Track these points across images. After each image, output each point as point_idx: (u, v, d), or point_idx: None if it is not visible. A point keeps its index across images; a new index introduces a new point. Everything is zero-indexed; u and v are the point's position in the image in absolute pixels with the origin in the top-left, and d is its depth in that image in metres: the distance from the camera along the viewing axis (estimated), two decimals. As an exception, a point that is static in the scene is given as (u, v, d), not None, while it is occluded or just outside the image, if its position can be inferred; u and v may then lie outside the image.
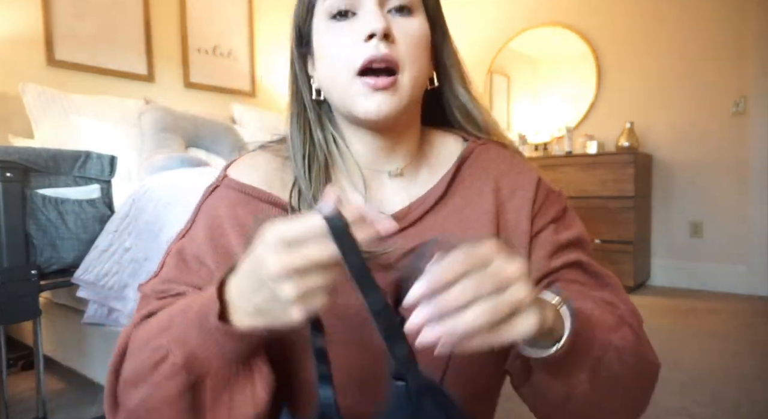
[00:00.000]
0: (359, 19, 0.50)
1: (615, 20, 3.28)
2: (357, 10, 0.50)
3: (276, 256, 0.34)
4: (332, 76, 0.52)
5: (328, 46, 0.52)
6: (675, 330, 2.25)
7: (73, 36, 2.52)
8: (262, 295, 0.37)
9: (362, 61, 0.49)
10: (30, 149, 1.30)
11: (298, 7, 0.55)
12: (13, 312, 1.21)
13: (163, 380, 0.42)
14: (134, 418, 0.43)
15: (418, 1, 0.52)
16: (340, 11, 0.50)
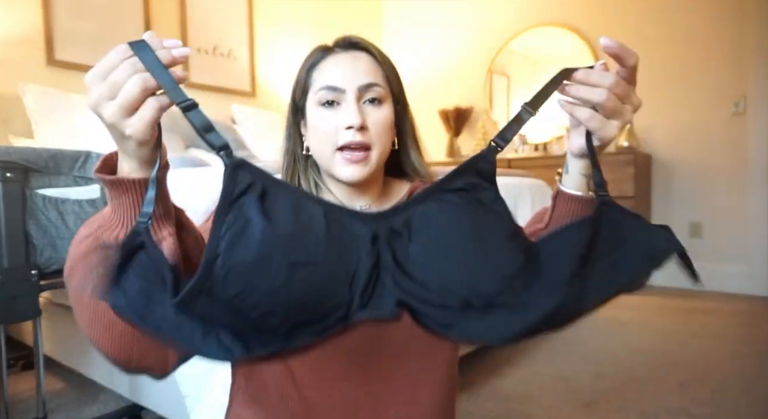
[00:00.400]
0: (342, 110, 0.65)
1: (615, 20, 3.28)
2: (341, 101, 0.65)
3: (93, 91, 0.41)
4: (320, 148, 0.67)
5: (318, 126, 0.66)
6: (675, 330, 2.25)
7: (73, 36, 2.52)
8: (112, 133, 0.43)
9: (342, 144, 0.64)
10: (30, 149, 1.30)
11: (296, 87, 0.70)
12: (13, 312, 1.21)
13: (78, 242, 0.47)
14: (70, 290, 0.47)
15: (386, 93, 0.67)
16: (328, 101, 0.65)
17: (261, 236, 0.39)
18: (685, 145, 3.08)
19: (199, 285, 0.39)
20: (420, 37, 4.25)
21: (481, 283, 0.42)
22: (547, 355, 1.95)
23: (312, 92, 0.67)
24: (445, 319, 0.43)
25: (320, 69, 0.67)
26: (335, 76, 0.65)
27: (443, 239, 0.43)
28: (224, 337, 0.40)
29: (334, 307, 0.42)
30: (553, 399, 1.56)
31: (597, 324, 2.36)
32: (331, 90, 0.65)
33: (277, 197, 0.41)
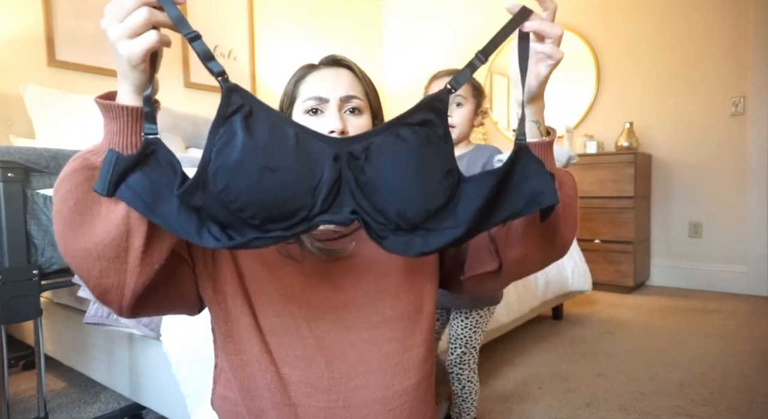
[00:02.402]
0: (325, 117, 0.72)
1: (615, 20, 3.28)
2: (324, 110, 0.72)
3: (107, 15, 0.48)
4: None
5: None
6: (674, 330, 2.25)
7: (74, 36, 2.52)
8: (114, 53, 0.50)
9: None
10: (31, 149, 1.30)
11: (284, 99, 0.76)
12: (14, 312, 1.21)
13: (67, 166, 0.52)
14: (54, 202, 0.52)
15: (365, 105, 0.75)
16: (312, 109, 0.72)
17: (241, 145, 0.48)
18: (685, 145, 3.08)
19: (196, 182, 0.48)
20: (420, 37, 4.25)
21: (411, 211, 0.52)
22: (547, 355, 1.95)
23: (299, 102, 0.74)
24: (381, 232, 0.53)
25: (306, 82, 0.74)
26: (320, 88, 0.72)
27: (391, 169, 0.52)
28: (213, 229, 0.50)
29: (298, 208, 0.51)
30: (553, 399, 1.56)
31: (597, 324, 2.37)
32: (316, 99, 0.72)
33: (260, 116, 0.50)
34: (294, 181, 0.50)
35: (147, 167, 0.50)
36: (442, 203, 0.53)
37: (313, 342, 0.67)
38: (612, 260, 2.96)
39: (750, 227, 2.88)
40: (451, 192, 0.54)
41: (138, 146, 0.51)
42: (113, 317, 1.30)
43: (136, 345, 1.39)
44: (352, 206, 0.52)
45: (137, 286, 0.53)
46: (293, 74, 0.77)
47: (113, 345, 1.49)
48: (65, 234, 0.51)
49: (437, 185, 0.53)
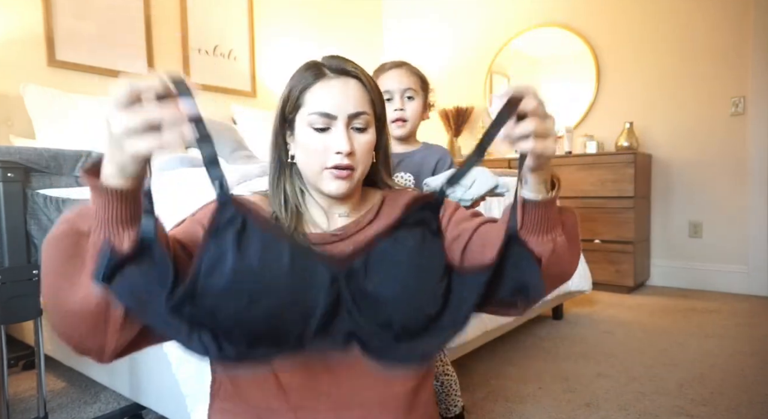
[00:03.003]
0: (332, 135, 0.71)
1: (615, 20, 3.28)
2: (331, 126, 0.71)
3: (123, 116, 0.44)
4: (308, 163, 0.73)
5: (308, 146, 0.72)
6: (674, 330, 2.25)
7: (74, 36, 2.52)
8: (111, 141, 0.46)
9: (331, 165, 0.71)
10: (31, 149, 1.30)
11: (286, 102, 0.74)
12: (14, 312, 1.21)
13: (54, 229, 0.51)
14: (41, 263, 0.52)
15: (371, 118, 0.75)
16: (318, 128, 0.71)
17: (231, 269, 0.47)
18: (685, 145, 3.08)
19: (185, 296, 0.47)
20: (420, 37, 4.25)
21: (413, 321, 0.53)
22: (547, 355, 1.95)
23: (304, 112, 0.72)
24: (381, 345, 0.52)
25: (313, 92, 0.72)
26: (328, 104, 0.71)
27: (391, 282, 0.52)
28: (204, 337, 0.48)
29: (287, 334, 0.50)
30: (553, 399, 1.56)
31: (597, 324, 2.37)
32: (323, 116, 0.71)
33: (254, 233, 0.49)
34: (286, 306, 0.49)
35: (142, 264, 0.48)
36: (440, 306, 0.54)
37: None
38: (612, 260, 2.96)
39: (750, 227, 2.88)
40: (447, 292, 0.55)
41: (125, 222, 0.50)
42: (113, 317, 1.30)
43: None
44: (349, 328, 0.51)
45: (118, 346, 0.53)
46: (299, 77, 0.74)
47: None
48: (47, 294, 0.51)
49: (435, 289, 0.54)
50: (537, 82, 3.69)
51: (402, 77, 1.21)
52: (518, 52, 3.76)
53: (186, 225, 0.68)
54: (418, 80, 1.23)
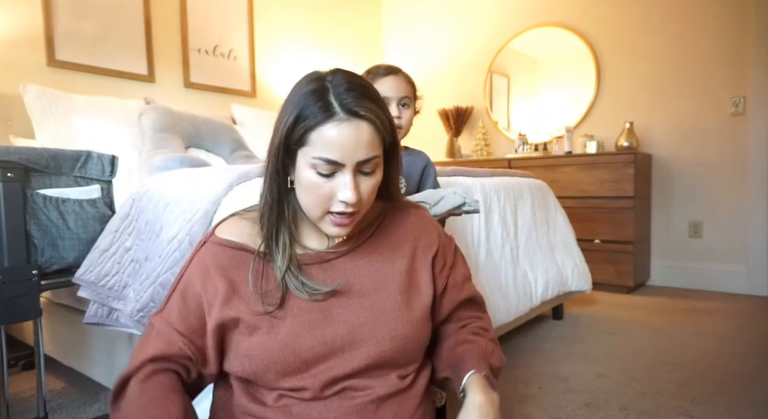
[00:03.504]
0: (338, 181, 0.68)
1: (615, 20, 3.28)
2: (337, 173, 0.68)
3: None
4: (308, 203, 0.71)
5: (310, 188, 0.69)
6: (675, 330, 2.25)
7: (74, 36, 2.52)
8: None
9: (335, 211, 0.69)
10: (31, 149, 1.30)
11: (289, 133, 0.68)
12: (14, 312, 1.21)
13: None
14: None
15: (380, 160, 0.71)
16: (323, 174, 0.67)
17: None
18: (685, 145, 3.08)
19: None
20: (420, 37, 4.25)
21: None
22: (547, 355, 1.95)
23: (308, 152, 0.67)
24: None
25: (321, 134, 0.66)
26: (336, 152, 0.66)
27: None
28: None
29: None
30: (553, 399, 1.56)
31: (597, 324, 2.37)
32: (330, 163, 0.66)
33: None
34: None
35: None
36: None
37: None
38: (612, 260, 2.96)
39: (750, 227, 2.88)
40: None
41: None
42: (113, 317, 1.30)
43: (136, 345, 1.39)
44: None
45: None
46: (304, 103, 0.67)
47: (113, 345, 1.49)
48: None
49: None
50: (537, 82, 3.69)
51: (399, 85, 1.22)
52: (518, 52, 3.76)
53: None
54: (412, 88, 1.26)
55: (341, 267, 0.76)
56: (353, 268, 0.77)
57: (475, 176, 1.97)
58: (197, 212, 1.15)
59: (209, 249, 0.76)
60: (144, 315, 1.16)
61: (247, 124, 2.94)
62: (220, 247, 0.75)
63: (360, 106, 0.66)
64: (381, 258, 0.79)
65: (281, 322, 0.70)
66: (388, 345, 0.72)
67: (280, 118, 0.70)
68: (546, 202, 2.33)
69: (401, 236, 0.82)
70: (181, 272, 0.77)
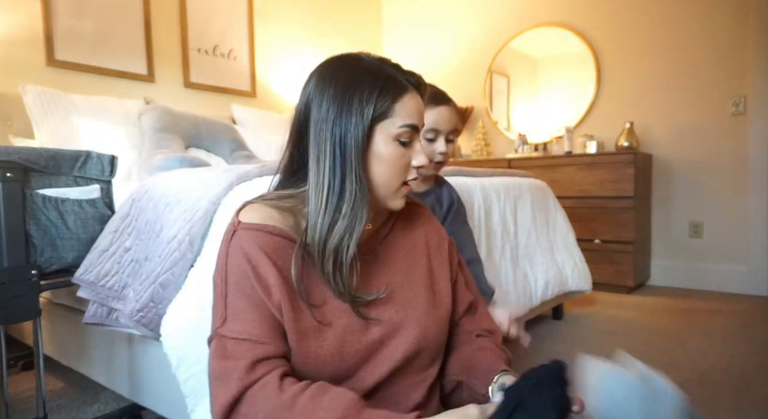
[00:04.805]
0: (414, 150, 0.72)
1: (615, 20, 3.28)
2: (412, 141, 0.72)
3: None
4: (387, 178, 0.70)
5: (393, 159, 0.70)
6: (675, 330, 2.25)
7: (73, 36, 2.52)
8: None
9: (410, 179, 0.73)
10: (30, 148, 1.30)
11: (381, 103, 0.67)
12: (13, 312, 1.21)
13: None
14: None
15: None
16: (404, 141, 0.70)
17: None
18: (685, 145, 3.08)
19: None
20: (420, 37, 4.25)
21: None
22: (547, 355, 1.95)
23: (394, 123, 0.69)
24: None
25: (404, 103, 0.69)
26: (417, 118, 0.71)
27: None
28: None
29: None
30: (553, 399, 1.55)
31: (597, 324, 2.36)
32: (413, 129, 0.70)
33: None
34: None
35: None
36: None
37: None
38: (612, 260, 2.96)
39: (750, 227, 2.88)
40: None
41: None
42: (113, 317, 1.30)
43: (135, 345, 1.39)
44: None
45: None
46: (382, 81, 0.68)
47: (113, 345, 1.49)
48: None
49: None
50: (537, 82, 3.69)
51: (452, 116, 1.15)
52: (518, 52, 3.76)
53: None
54: (460, 117, 1.22)
55: (369, 268, 0.74)
56: (379, 267, 0.76)
57: (475, 176, 1.96)
58: (197, 212, 1.15)
59: (243, 236, 0.68)
60: (144, 314, 1.16)
61: (247, 124, 2.94)
62: (256, 232, 0.68)
63: (419, 80, 0.73)
64: (402, 256, 0.79)
65: (328, 328, 0.68)
66: (421, 344, 0.73)
67: (349, 99, 0.67)
68: (546, 202, 2.33)
69: (415, 234, 0.83)
70: (222, 275, 0.68)
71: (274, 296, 0.65)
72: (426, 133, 1.13)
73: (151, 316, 1.15)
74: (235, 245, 0.68)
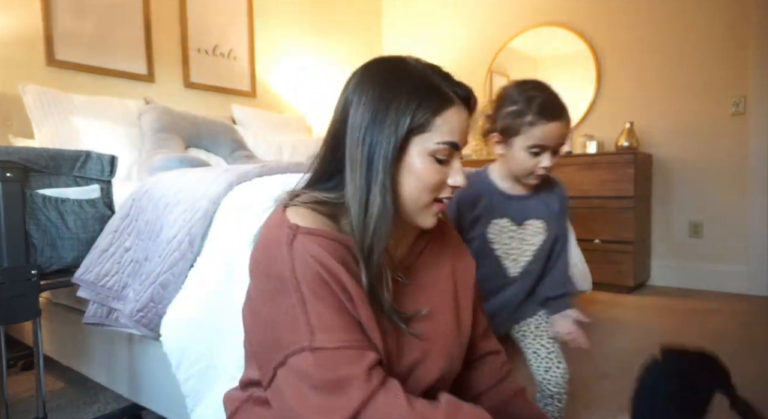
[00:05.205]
0: (451, 168, 0.67)
1: (614, 20, 3.28)
2: (450, 159, 0.67)
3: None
4: (417, 193, 0.66)
5: (426, 175, 0.65)
6: (675, 330, 2.25)
7: (73, 36, 2.52)
8: None
9: (443, 196, 0.68)
10: (30, 149, 1.30)
11: (419, 115, 0.63)
12: (13, 312, 1.21)
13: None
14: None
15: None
16: (440, 159, 0.65)
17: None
18: (686, 145, 3.08)
19: None
20: (420, 37, 4.25)
21: None
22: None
23: (430, 138, 0.64)
24: None
25: (447, 118, 0.64)
26: (458, 136, 0.66)
27: None
28: None
29: None
30: (553, 399, 1.55)
31: (597, 324, 2.36)
32: (452, 147, 0.65)
33: None
34: None
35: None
36: None
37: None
38: (612, 260, 2.95)
39: (750, 227, 2.88)
40: None
41: None
42: (113, 317, 1.30)
43: (135, 345, 1.39)
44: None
45: None
46: (424, 92, 0.64)
47: (113, 345, 1.49)
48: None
49: None
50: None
51: (565, 132, 1.03)
52: (518, 52, 3.76)
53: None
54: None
55: (399, 288, 0.71)
56: (408, 288, 0.72)
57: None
58: (197, 212, 1.15)
59: (307, 242, 0.60)
60: (144, 314, 1.16)
61: (247, 124, 2.94)
62: (320, 238, 0.61)
63: (468, 93, 0.68)
64: (432, 279, 0.75)
65: (378, 340, 0.63)
66: (445, 373, 0.71)
67: (385, 108, 0.63)
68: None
69: (444, 257, 0.79)
70: (291, 284, 0.59)
71: (356, 302, 0.60)
72: (531, 148, 1.03)
73: (151, 316, 1.15)
74: (301, 251, 0.60)
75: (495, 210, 1.13)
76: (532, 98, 1.01)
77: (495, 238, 1.14)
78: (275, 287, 0.60)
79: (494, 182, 1.18)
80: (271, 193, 1.08)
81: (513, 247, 1.15)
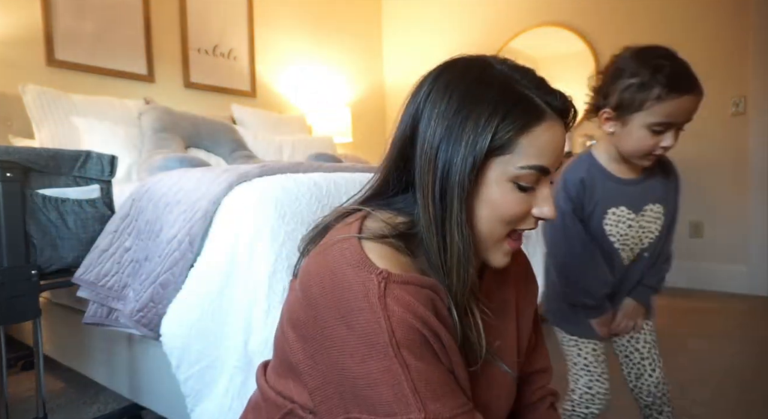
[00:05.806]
0: (536, 198, 0.56)
1: (614, 20, 3.28)
2: (536, 185, 0.56)
3: None
4: (492, 225, 0.56)
5: (505, 204, 0.55)
6: (675, 330, 2.25)
7: (73, 36, 2.52)
8: None
9: (524, 228, 0.57)
10: (30, 148, 1.30)
11: (500, 134, 0.53)
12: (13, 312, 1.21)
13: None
14: None
15: None
16: (524, 186, 0.54)
17: None
18: (686, 145, 3.07)
19: None
20: (420, 37, 4.25)
21: None
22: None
23: (512, 161, 0.53)
24: None
25: (535, 137, 0.53)
26: (548, 158, 0.55)
27: None
28: None
29: None
30: (553, 399, 1.55)
31: (597, 324, 2.36)
32: (541, 172, 0.54)
33: None
34: None
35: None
36: None
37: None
38: (612, 260, 2.95)
39: (750, 227, 2.88)
40: None
41: None
42: (113, 317, 1.30)
43: (135, 345, 1.39)
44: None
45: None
46: (509, 106, 0.53)
47: (113, 345, 1.49)
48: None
49: None
50: (537, 82, 3.69)
51: (695, 107, 0.92)
52: (518, 52, 3.76)
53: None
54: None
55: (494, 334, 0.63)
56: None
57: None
58: (197, 212, 1.15)
59: (402, 295, 0.50)
60: (144, 314, 1.16)
61: (247, 124, 2.94)
62: (413, 287, 0.51)
63: (566, 104, 0.57)
64: (496, 309, 0.64)
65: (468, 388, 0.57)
66: (507, 407, 0.66)
67: (462, 122, 0.53)
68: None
69: (506, 274, 0.68)
70: (390, 345, 0.49)
71: (448, 351, 0.53)
72: (654, 125, 0.91)
73: (151, 316, 1.15)
74: (397, 308, 0.50)
75: (610, 199, 1.02)
76: (658, 68, 0.90)
77: (612, 230, 1.03)
78: (361, 343, 0.49)
79: (604, 167, 1.05)
80: (272, 193, 1.08)
81: (631, 236, 1.05)
